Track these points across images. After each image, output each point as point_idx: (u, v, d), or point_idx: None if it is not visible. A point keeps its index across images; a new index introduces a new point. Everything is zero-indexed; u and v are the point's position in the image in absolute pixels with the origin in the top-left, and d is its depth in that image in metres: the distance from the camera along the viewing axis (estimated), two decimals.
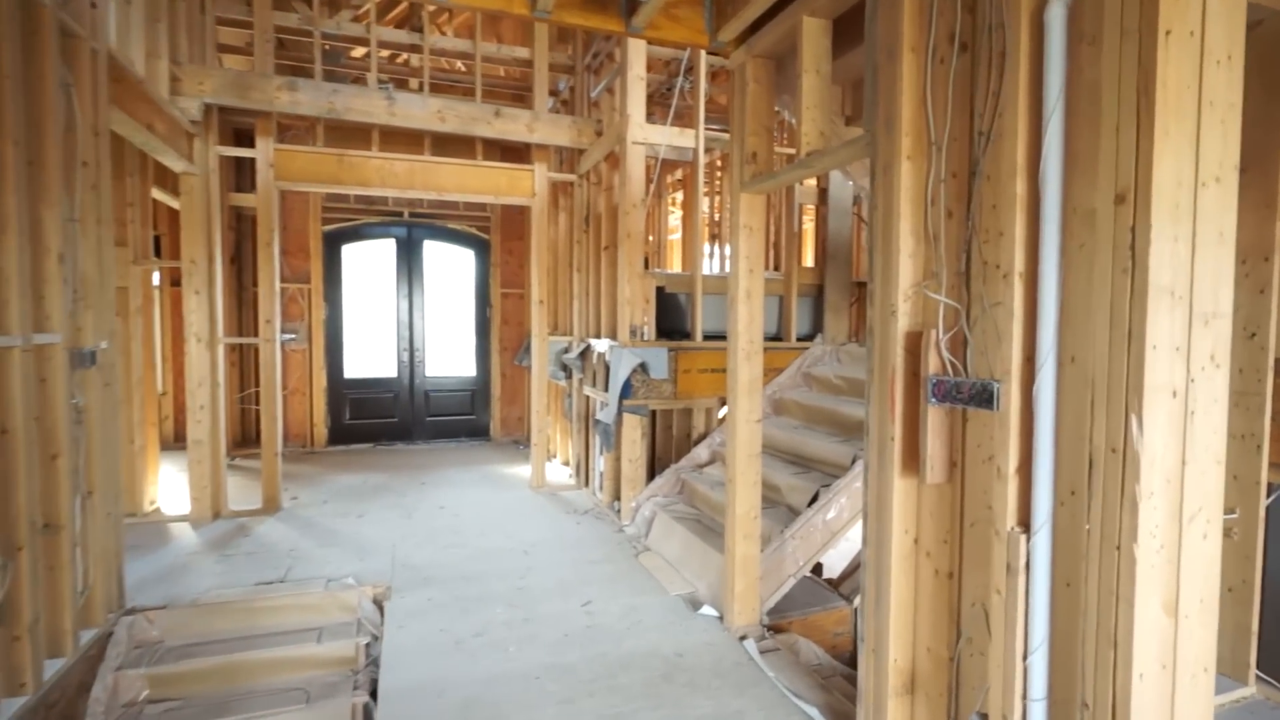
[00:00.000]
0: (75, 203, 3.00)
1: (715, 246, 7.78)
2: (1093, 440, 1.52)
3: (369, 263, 7.80)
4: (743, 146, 3.08)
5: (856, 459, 3.57)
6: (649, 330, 4.92)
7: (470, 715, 2.57)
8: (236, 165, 6.70)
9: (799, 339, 5.40)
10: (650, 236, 7.55)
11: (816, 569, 4.18)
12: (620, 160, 4.81)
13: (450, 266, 8.07)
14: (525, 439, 7.84)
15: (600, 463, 5.39)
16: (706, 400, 5.09)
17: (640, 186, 4.82)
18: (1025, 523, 1.68)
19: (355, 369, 7.74)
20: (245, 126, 5.02)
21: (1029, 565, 1.64)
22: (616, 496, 5.07)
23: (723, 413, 5.31)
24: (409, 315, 7.85)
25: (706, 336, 4.99)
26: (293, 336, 7.33)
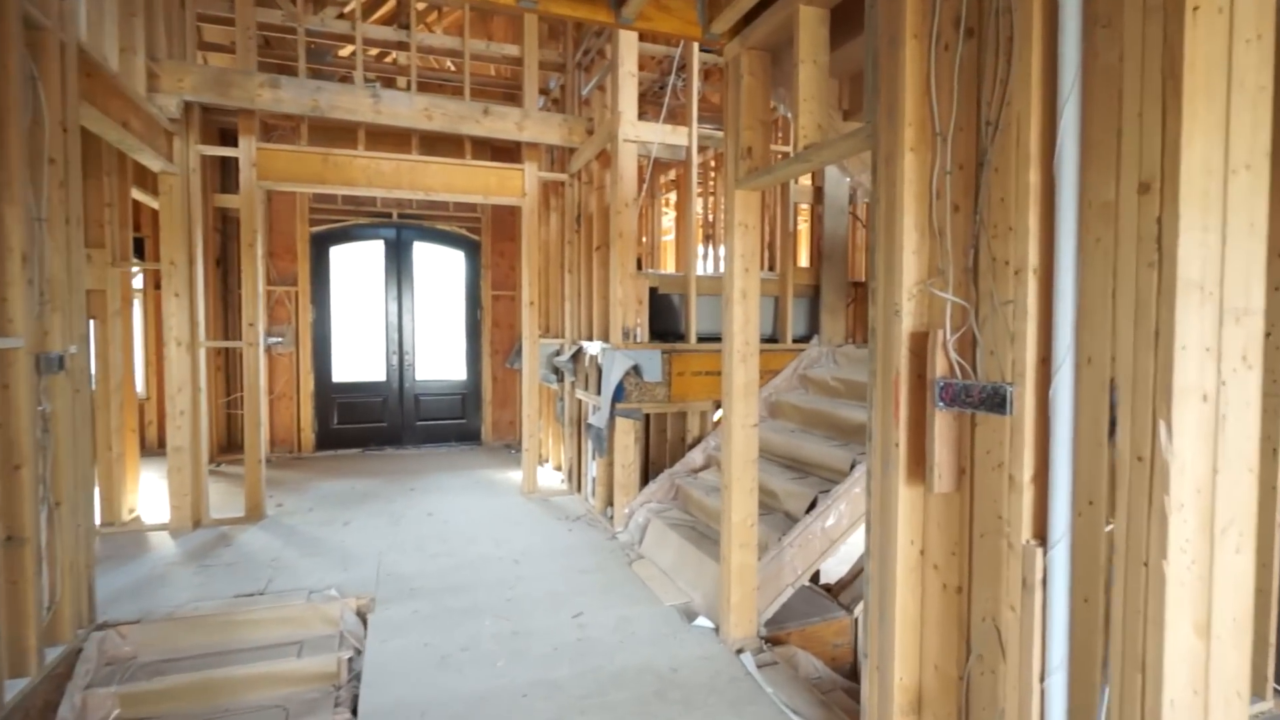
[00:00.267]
0: (42, 201, 2.88)
1: (709, 248, 7.67)
2: (1115, 447, 1.42)
3: (358, 265, 7.66)
4: (738, 141, 2.97)
5: (856, 464, 3.45)
6: (642, 332, 4.81)
7: None
8: (222, 166, 6.58)
9: (795, 340, 5.30)
10: (644, 238, 7.44)
11: (814, 575, 4.07)
12: (612, 158, 4.71)
13: (440, 268, 7.94)
14: (517, 443, 7.72)
15: (593, 468, 5.27)
16: (701, 403, 4.99)
17: (632, 185, 4.71)
18: (1041, 535, 1.58)
19: (344, 373, 7.60)
20: (232, 126, 4.90)
21: (1046, 580, 1.53)
22: (609, 502, 4.95)
23: (717, 416, 5.21)
24: (398, 318, 7.72)
25: (701, 338, 4.89)
26: (279, 340, 7.18)
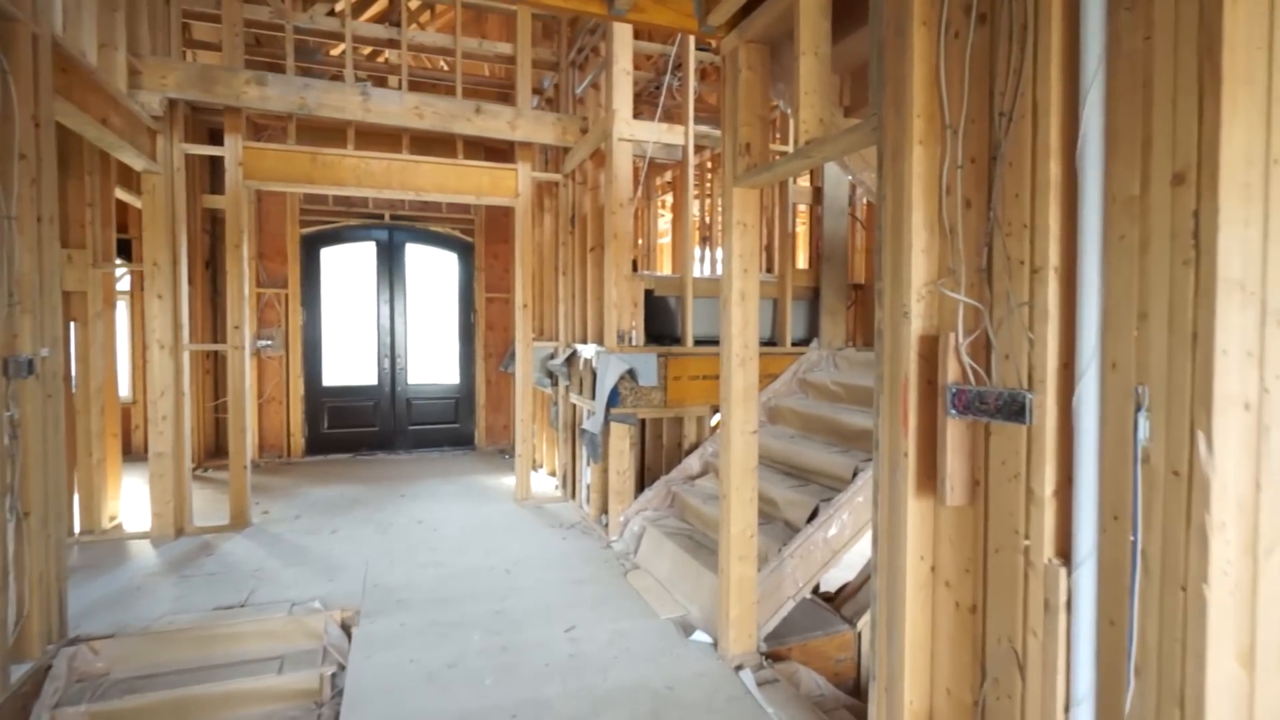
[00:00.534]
0: (11, 198, 2.76)
1: (706, 250, 7.56)
2: (1149, 461, 1.31)
3: (349, 266, 7.53)
4: (735, 138, 2.86)
5: (858, 472, 3.34)
6: (637, 335, 4.70)
7: None
8: (211, 166, 6.45)
9: (794, 344, 5.18)
10: (639, 240, 7.33)
11: (814, 586, 3.95)
12: (606, 158, 4.60)
13: (433, 270, 7.81)
14: (511, 448, 7.58)
15: (587, 474, 5.15)
16: (698, 409, 4.88)
17: (627, 185, 4.61)
18: (1064, 553, 1.47)
19: (334, 376, 7.47)
20: (221, 126, 4.79)
21: (1070, 603, 1.43)
22: (604, 510, 4.83)
23: (715, 420, 5.09)
24: (390, 320, 7.59)
25: (698, 341, 4.78)
26: (269, 343, 7.05)
